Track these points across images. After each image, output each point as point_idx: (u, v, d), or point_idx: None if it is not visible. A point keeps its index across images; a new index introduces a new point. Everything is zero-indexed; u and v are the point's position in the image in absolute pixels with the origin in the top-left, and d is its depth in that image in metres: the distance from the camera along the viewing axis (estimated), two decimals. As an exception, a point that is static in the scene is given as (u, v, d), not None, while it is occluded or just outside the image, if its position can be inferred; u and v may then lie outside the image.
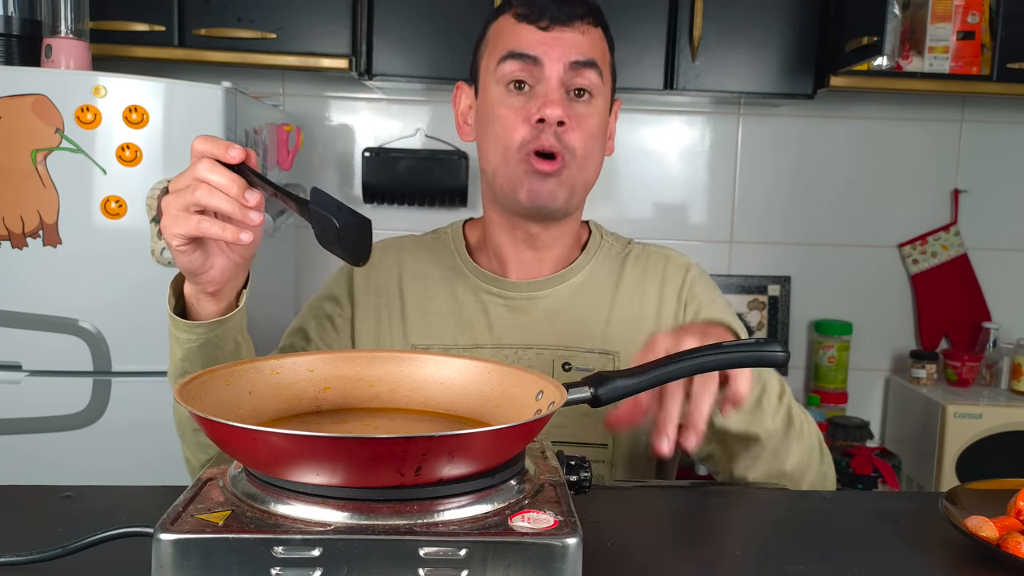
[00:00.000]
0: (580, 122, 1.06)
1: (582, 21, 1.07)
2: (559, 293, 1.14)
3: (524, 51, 1.05)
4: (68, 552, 0.69)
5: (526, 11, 1.06)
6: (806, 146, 2.52)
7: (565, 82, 1.05)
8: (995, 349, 2.47)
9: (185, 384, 0.69)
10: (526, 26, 1.06)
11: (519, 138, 1.05)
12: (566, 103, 1.05)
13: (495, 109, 1.07)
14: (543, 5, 1.06)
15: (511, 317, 1.12)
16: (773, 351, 0.81)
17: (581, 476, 0.75)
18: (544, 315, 1.13)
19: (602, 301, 1.14)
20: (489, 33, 1.12)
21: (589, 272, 1.16)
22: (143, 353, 1.70)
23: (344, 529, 0.59)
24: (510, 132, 1.05)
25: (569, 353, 1.11)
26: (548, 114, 1.03)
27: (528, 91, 1.06)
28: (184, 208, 0.82)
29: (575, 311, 1.13)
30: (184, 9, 2.05)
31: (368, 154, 2.36)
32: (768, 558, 0.79)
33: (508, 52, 1.06)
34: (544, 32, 1.05)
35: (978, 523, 0.79)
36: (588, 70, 1.06)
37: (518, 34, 1.06)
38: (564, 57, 1.05)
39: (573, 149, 1.05)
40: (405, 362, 0.83)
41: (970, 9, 2.16)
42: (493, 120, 1.07)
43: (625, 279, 1.16)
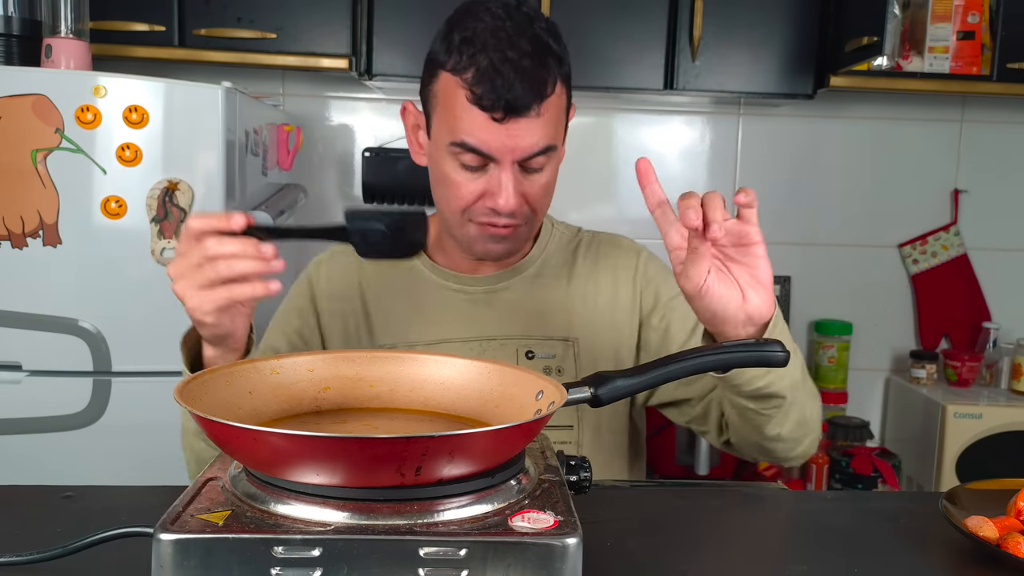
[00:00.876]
0: (533, 190, 1.06)
1: (541, 101, 1.00)
2: (516, 285, 1.17)
3: (476, 147, 1.01)
4: (68, 552, 0.69)
5: (480, 94, 0.98)
6: (806, 146, 2.52)
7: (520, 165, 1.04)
8: (995, 349, 2.47)
9: (185, 384, 0.69)
10: (479, 114, 0.99)
11: (469, 209, 1.06)
12: (519, 182, 1.04)
13: (447, 173, 1.05)
14: (499, 92, 0.97)
15: (473, 311, 1.15)
16: (773, 351, 0.81)
17: (581, 476, 0.75)
18: (504, 307, 1.16)
19: (558, 290, 1.17)
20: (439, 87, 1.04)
21: (543, 263, 1.19)
22: (143, 353, 1.70)
23: (344, 529, 0.59)
24: (457, 202, 1.06)
25: (531, 342, 1.14)
26: (501, 206, 1.03)
27: (480, 168, 1.04)
28: (206, 286, 0.84)
29: (533, 301, 1.16)
30: (184, 9, 2.05)
31: (368, 154, 2.36)
32: (768, 558, 0.79)
33: (460, 141, 1.01)
34: (499, 123, 0.99)
35: (978, 523, 0.79)
36: (543, 156, 1.04)
37: (470, 120, 1.00)
38: (519, 153, 1.01)
39: (529, 215, 1.08)
40: (405, 362, 0.83)
41: (970, 9, 2.16)
42: (443, 180, 1.07)
43: (578, 269, 1.19)
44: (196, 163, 1.68)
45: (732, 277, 0.88)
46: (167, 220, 1.67)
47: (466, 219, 1.08)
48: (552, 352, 1.14)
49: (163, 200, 1.66)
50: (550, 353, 1.14)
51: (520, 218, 1.07)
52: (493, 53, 0.98)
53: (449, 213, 1.09)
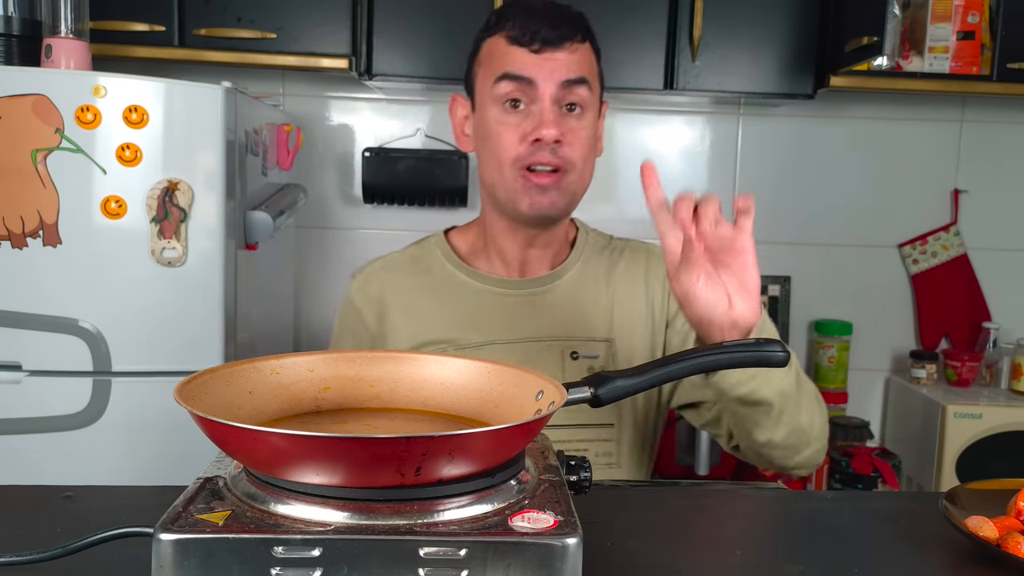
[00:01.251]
0: (574, 136, 1.12)
1: (571, 41, 1.12)
2: (559, 288, 1.20)
3: (518, 72, 1.10)
4: (68, 552, 0.69)
5: (518, 34, 1.11)
6: (806, 146, 2.52)
7: (558, 100, 1.11)
8: (995, 349, 2.47)
9: (185, 384, 0.69)
10: (518, 48, 1.11)
11: (515, 154, 1.11)
12: (560, 119, 1.11)
13: (492, 126, 1.13)
14: (534, 29, 1.10)
15: (517, 313, 1.19)
16: (773, 351, 0.81)
17: (581, 476, 0.75)
18: (547, 309, 1.19)
19: (598, 293, 1.21)
20: (483, 51, 1.17)
21: (581, 267, 1.23)
22: (143, 353, 1.70)
23: (344, 529, 0.59)
24: (507, 149, 1.11)
25: (575, 343, 1.17)
26: (544, 134, 1.09)
27: (523, 109, 1.12)
28: None
29: (575, 304, 1.20)
30: (184, 9, 2.05)
31: (368, 154, 2.36)
32: (768, 558, 0.79)
33: (503, 73, 1.11)
34: (536, 55, 1.10)
35: (978, 523, 0.79)
36: (579, 87, 1.12)
37: (511, 56, 1.11)
38: (556, 77, 1.10)
39: (571, 161, 1.12)
40: (405, 362, 0.83)
41: (970, 9, 2.16)
42: (490, 136, 1.13)
43: (614, 273, 1.24)
44: (196, 163, 1.68)
45: (721, 283, 0.93)
46: (167, 220, 1.67)
47: (515, 170, 1.11)
48: (595, 353, 1.18)
49: (163, 200, 1.66)
50: (593, 353, 1.17)
51: (563, 161, 1.11)
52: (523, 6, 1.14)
53: (499, 171, 1.13)
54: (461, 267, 1.22)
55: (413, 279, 1.22)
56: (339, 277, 2.49)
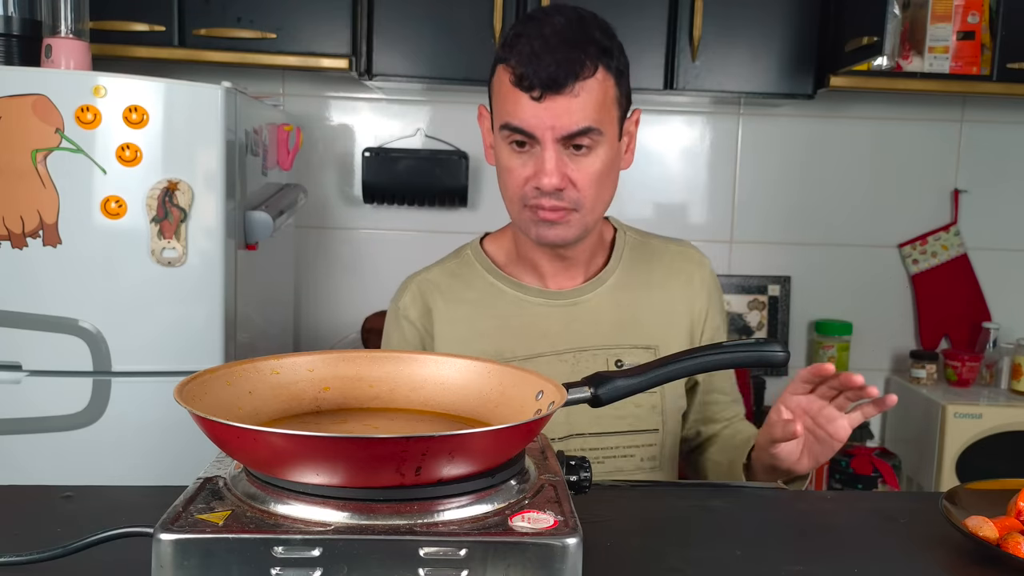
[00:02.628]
0: (580, 175, 1.09)
1: (577, 80, 1.05)
2: (599, 296, 1.20)
3: (518, 125, 1.07)
4: (68, 552, 0.69)
5: (521, 73, 1.05)
6: (806, 146, 2.52)
7: (563, 143, 1.08)
8: (995, 349, 2.47)
9: (185, 384, 0.69)
10: (520, 93, 1.06)
11: (521, 194, 1.11)
12: (564, 162, 1.08)
13: (502, 161, 1.12)
14: (535, 69, 1.04)
15: (560, 323, 1.18)
16: (773, 351, 0.81)
17: (581, 476, 0.75)
18: (590, 318, 1.19)
19: (638, 300, 1.21)
20: (495, 78, 1.12)
21: (620, 274, 1.23)
22: (143, 353, 1.70)
23: (344, 529, 0.59)
24: (515, 187, 1.11)
25: (619, 351, 1.18)
26: (544, 184, 1.07)
27: (528, 150, 1.09)
28: None
29: (616, 311, 1.20)
30: (184, 9, 2.05)
31: (368, 154, 2.36)
32: (768, 558, 0.79)
33: (505, 123, 1.08)
34: (537, 103, 1.05)
35: (978, 523, 0.79)
36: (584, 136, 1.07)
37: (514, 102, 1.07)
38: (557, 132, 1.06)
39: (576, 202, 1.11)
40: (405, 362, 0.83)
41: (970, 9, 2.16)
42: (500, 169, 1.14)
43: (655, 278, 1.24)
44: (196, 163, 1.68)
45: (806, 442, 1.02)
46: (167, 220, 1.67)
47: (522, 205, 1.12)
48: (639, 360, 1.17)
49: (163, 200, 1.66)
50: (637, 361, 1.17)
51: (568, 202, 1.10)
52: (535, 40, 1.05)
53: (508, 203, 1.14)
54: (501, 278, 1.21)
55: (455, 295, 1.21)
56: (339, 277, 2.49)
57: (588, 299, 1.20)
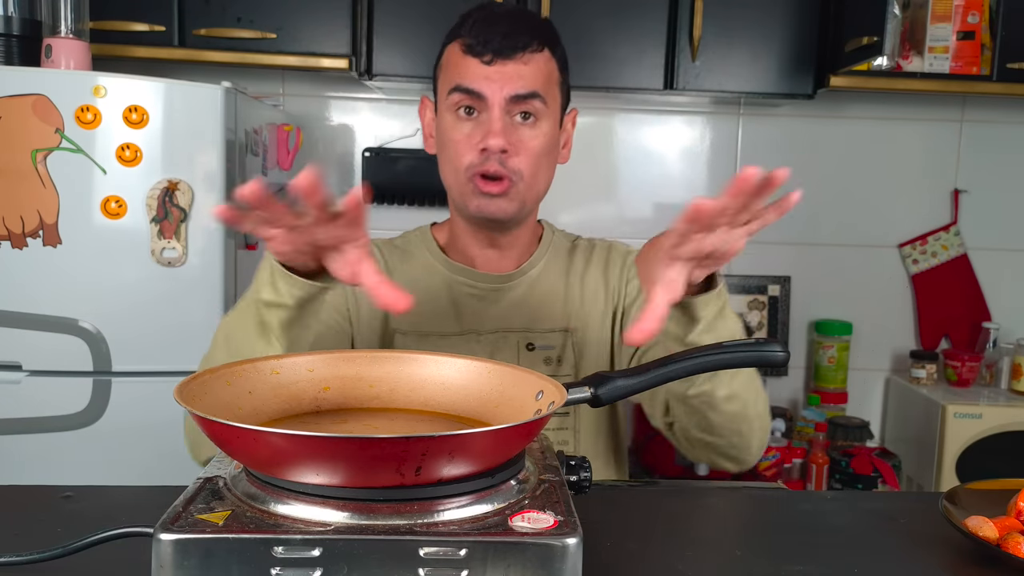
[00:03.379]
0: (524, 145, 1.13)
1: (525, 51, 1.11)
2: (522, 285, 1.24)
3: (468, 85, 1.11)
4: (68, 552, 0.69)
5: (472, 42, 1.11)
6: (806, 146, 2.52)
7: (509, 110, 1.12)
8: (995, 349, 2.47)
9: (185, 384, 0.69)
10: (471, 59, 1.11)
11: (467, 162, 1.13)
12: (510, 129, 1.12)
13: (447, 133, 1.15)
14: (487, 38, 1.10)
15: (481, 306, 1.22)
16: (773, 351, 0.81)
17: (581, 476, 0.75)
18: (510, 304, 1.22)
19: (557, 287, 1.25)
20: (443, 57, 1.17)
21: (544, 265, 1.26)
22: (143, 353, 1.70)
23: (344, 529, 0.59)
24: (459, 156, 1.14)
25: (532, 335, 1.21)
26: (491, 144, 1.11)
27: (476, 117, 1.13)
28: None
29: (535, 298, 1.23)
30: (184, 9, 2.05)
31: (368, 154, 2.36)
32: (768, 558, 0.79)
33: (455, 85, 1.12)
34: (487, 66, 1.11)
35: (978, 523, 0.79)
36: (530, 100, 1.12)
37: (464, 67, 1.12)
38: (506, 91, 1.11)
39: (519, 171, 1.14)
40: (405, 362, 0.83)
41: (970, 9, 2.16)
42: (445, 143, 1.16)
43: (575, 267, 1.27)
44: (196, 163, 1.68)
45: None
46: (167, 220, 1.67)
47: (465, 177, 1.14)
48: (551, 343, 1.21)
49: (163, 200, 1.66)
50: (549, 344, 1.21)
51: (510, 170, 1.12)
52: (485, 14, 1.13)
53: (452, 175, 1.16)
54: (439, 257, 1.24)
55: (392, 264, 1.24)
56: (339, 277, 2.49)
57: (511, 286, 1.23)
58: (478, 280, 1.22)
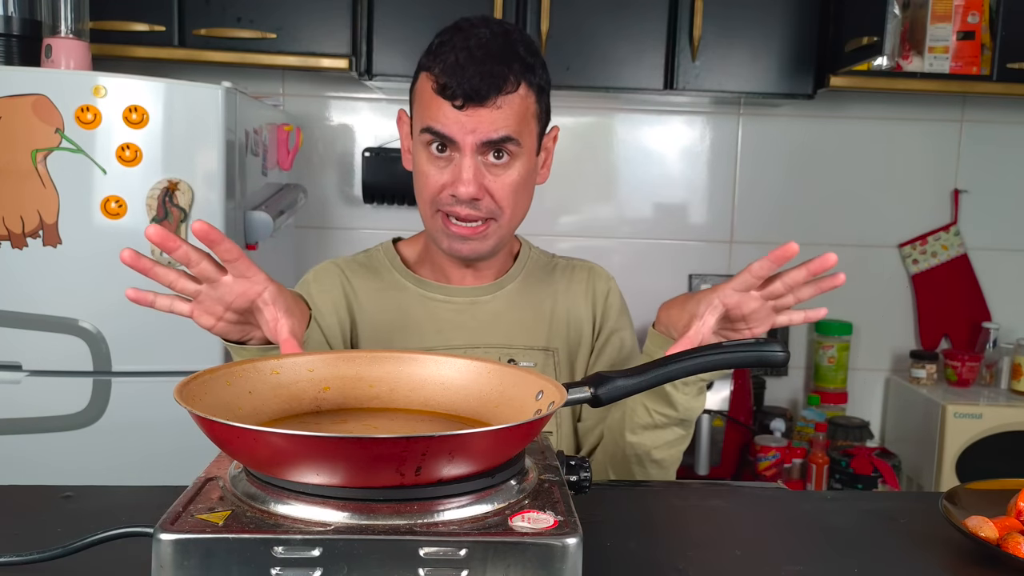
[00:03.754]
0: (498, 185, 1.10)
1: (499, 94, 1.06)
2: (499, 299, 1.21)
3: (439, 130, 1.08)
4: (68, 552, 0.69)
5: (444, 83, 1.06)
6: (806, 146, 2.52)
7: (482, 151, 1.09)
8: (995, 349, 2.47)
9: (185, 384, 0.69)
10: (443, 101, 1.07)
11: (437, 199, 1.12)
12: (482, 172, 1.09)
13: (420, 165, 1.13)
14: (459, 80, 1.05)
15: (457, 320, 1.19)
16: (773, 351, 0.81)
17: (581, 476, 0.75)
18: (487, 318, 1.20)
19: (539, 305, 1.22)
20: (417, 84, 1.14)
21: (522, 280, 1.24)
22: (143, 353, 1.70)
23: (344, 529, 0.59)
24: (430, 192, 1.12)
25: (512, 351, 1.18)
26: (460, 192, 1.08)
27: (447, 155, 1.10)
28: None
29: (515, 313, 1.21)
30: (184, 9, 2.05)
31: (368, 154, 2.36)
32: (768, 558, 0.79)
33: (426, 126, 1.09)
34: (458, 111, 1.06)
35: (978, 523, 0.79)
36: (503, 144, 1.08)
37: (435, 109, 1.08)
38: (478, 137, 1.07)
39: (494, 210, 1.12)
40: (405, 362, 0.83)
41: (970, 9, 2.16)
42: (418, 174, 1.14)
43: (557, 285, 1.25)
44: (196, 163, 1.68)
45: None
46: (167, 220, 1.67)
47: (435, 210, 1.13)
48: (533, 361, 1.19)
49: (163, 200, 1.66)
50: (531, 362, 1.19)
51: (484, 211, 1.10)
52: (460, 52, 1.06)
53: (422, 206, 1.15)
54: (406, 274, 1.22)
55: (364, 283, 1.22)
56: (339, 277, 2.49)
57: (487, 300, 1.20)
58: (453, 295, 1.20)
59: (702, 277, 2.53)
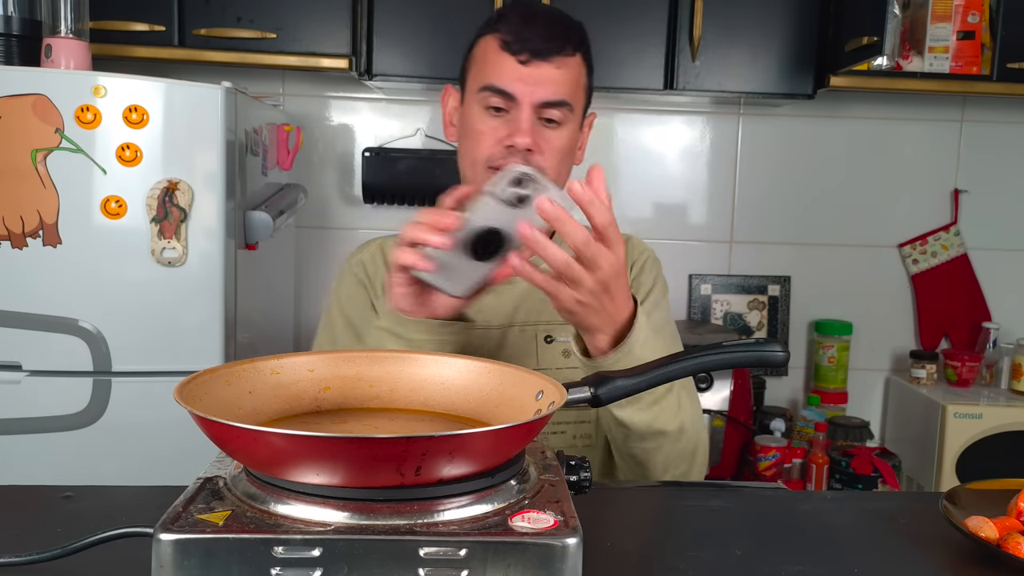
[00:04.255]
0: (547, 146, 1.14)
1: (561, 54, 1.12)
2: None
3: (502, 87, 1.12)
4: (68, 552, 0.69)
5: (510, 39, 1.11)
6: (806, 146, 2.52)
7: (538, 112, 1.13)
8: (995, 349, 2.47)
9: (185, 384, 0.69)
10: (507, 57, 1.11)
11: (489, 155, 1.14)
12: (536, 130, 1.13)
13: (473, 124, 1.16)
14: (526, 37, 1.10)
15: (493, 300, 1.20)
16: (773, 351, 0.81)
17: (581, 476, 0.75)
18: (522, 296, 1.22)
19: None
20: (477, 49, 1.17)
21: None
22: (143, 353, 1.70)
23: (344, 529, 0.59)
24: (483, 149, 1.15)
25: (551, 327, 1.21)
26: (518, 142, 1.12)
27: (503, 115, 1.14)
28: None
29: None
30: (184, 9, 2.05)
31: (368, 154, 2.36)
32: (768, 558, 0.79)
33: (488, 84, 1.13)
34: (522, 67, 1.11)
35: (978, 523, 0.79)
36: (558, 108, 1.13)
37: (499, 65, 1.12)
38: (537, 96, 1.12)
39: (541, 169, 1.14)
40: (405, 362, 0.83)
41: (970, 9, 2.16)
42: (470, 134, 1.17)
43: None
44: (196, 163, 1.68)
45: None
46: (167, 220, 1.67)
47: (484, 168, 1.14)
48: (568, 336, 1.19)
49: (163, 200, 1.66)
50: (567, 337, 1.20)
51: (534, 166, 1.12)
52: (525, 13, 1.14)
53: (471, 167, 1.16)
54: None
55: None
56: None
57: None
58: None
59: (702, 277, 2.53)
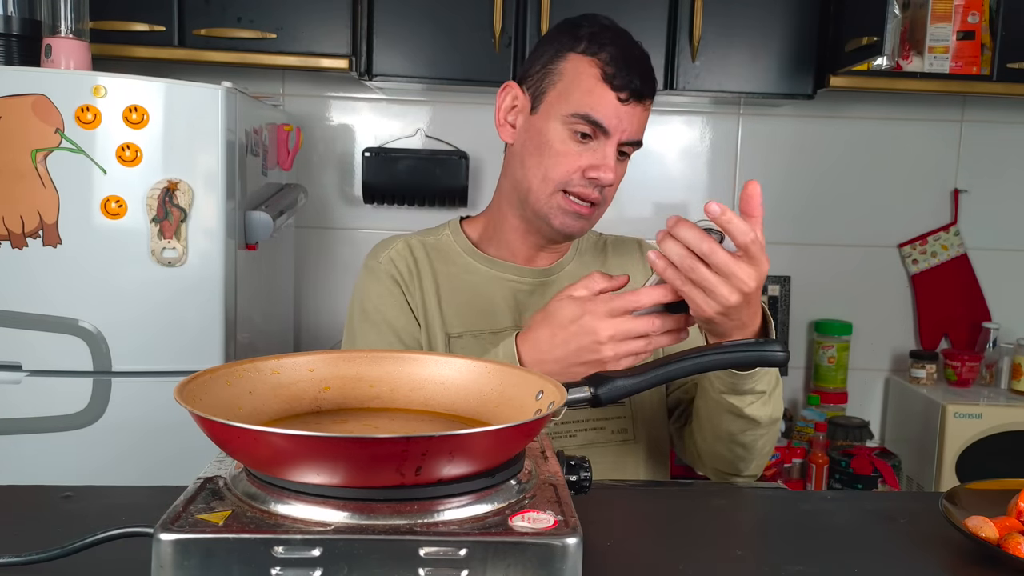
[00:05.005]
0: (616, 177, 1.18)
1: (651, 98, 1.17)
2: (563, 278, 1.26)
3: (599, 120, 1.13)
4: (68, 552, 0.69)
5: (614, 74, 1.12)
6: (806, 146, 2.52)
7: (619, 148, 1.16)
8: (995, 349, 2.47)
9: (185, 384, 0.69)
10: (608, 91, 1.12)
11: (568, 180, 1.15)
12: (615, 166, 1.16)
13: (554, 144, 1.16)
14: (629, 77, 1.12)
15: (528, 301, 1.24)
16: (773, 351, 0.82)
17: (581, 476, 0.75)
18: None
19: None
20: (567, 66, 1.15)
21: (580, 259, 1.30)
22: (143, 353, 1.70)
23: (344, 529, 0.59)
24: (561, 171, 1.15)
25: None
26: (603, 177, 1.14)
27: (588, 143, 1.15)
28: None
29: None
30: (184, 9, 2.05)
31: (368, 154, 2.36)
32: (768, 558, 0.79)
33: (584, 113, 1.13)
34: (621, 104, 1.13)
35: (978, 523, 0.79)
36: (635, 146, 1.18)
37: (600, 97, 1.13)
38: (626, 135, 1.15)
39: (608, 199, 1.20)
40: (405, 362, 0.83)
41: (970, 9, 2.16)
42: (547, 149, 1.16)
43: (610, 262, 1.32)
44: (196, 163, 1.68)
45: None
46: (167, 220, 1.67)
47: (558, 190, 1.16)
48: None
49: (163, 200, 1.66)
50: None
51: (603, 198, 1.18)
52: (623, 47, 1.15)
53: (542, 184, 1.17)
54: (477, 255, 1.25)
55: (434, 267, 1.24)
56: (339, 277, 2.49)
57: (556, 279, 1.25)
58: (524, 275, 1.24)
59: (702, 277, 2.52)
